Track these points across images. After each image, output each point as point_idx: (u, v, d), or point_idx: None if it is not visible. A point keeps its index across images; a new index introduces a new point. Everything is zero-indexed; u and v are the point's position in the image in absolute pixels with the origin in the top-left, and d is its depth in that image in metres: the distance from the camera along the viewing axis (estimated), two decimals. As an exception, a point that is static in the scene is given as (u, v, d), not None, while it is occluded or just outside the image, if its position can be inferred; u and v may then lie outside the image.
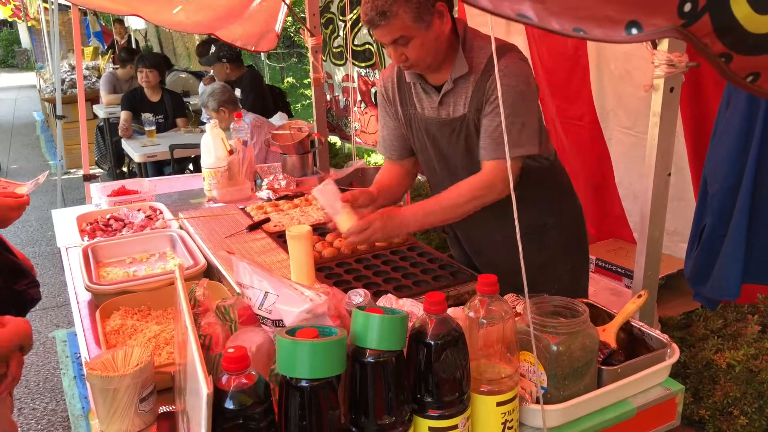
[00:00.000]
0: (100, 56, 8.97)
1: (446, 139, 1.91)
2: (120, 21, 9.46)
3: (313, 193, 1.86)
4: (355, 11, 5.34)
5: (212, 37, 4.81)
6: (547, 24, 0.86)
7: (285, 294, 1.22)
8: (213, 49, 5.26)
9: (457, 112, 1.86)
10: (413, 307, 1.34)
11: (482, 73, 1.81)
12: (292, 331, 1.06)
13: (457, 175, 1.91)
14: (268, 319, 1.26)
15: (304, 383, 1.01)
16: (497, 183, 1.78)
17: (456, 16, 1.84)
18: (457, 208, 1.83)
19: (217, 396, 0.98)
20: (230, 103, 4.16)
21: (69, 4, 4.92)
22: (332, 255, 2.05)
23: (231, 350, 1.00)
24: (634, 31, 0.85)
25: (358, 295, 1.27)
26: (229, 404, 0.98)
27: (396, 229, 1.83)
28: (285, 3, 3.33)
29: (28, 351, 1.47)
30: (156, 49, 10.82)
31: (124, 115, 5.44)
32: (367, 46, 5.43)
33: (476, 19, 4.06)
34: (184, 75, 7.13)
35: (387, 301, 1.38)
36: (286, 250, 1.88)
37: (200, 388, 0.96)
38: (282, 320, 1.23)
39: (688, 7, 0.84)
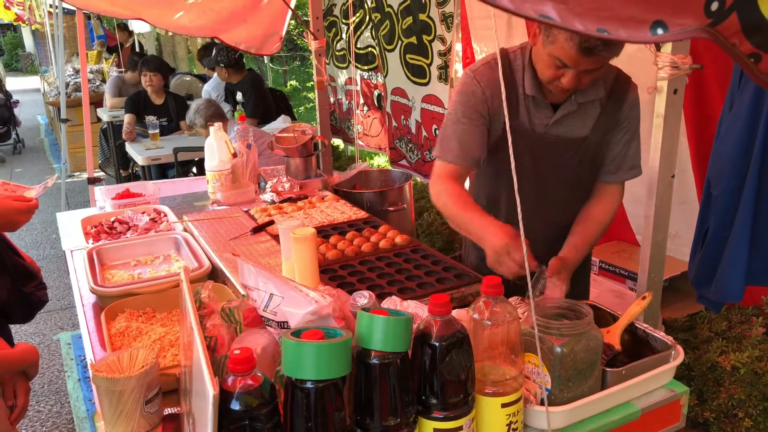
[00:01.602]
0: (103, 60, 9.00)
1: (555, 157, 1.86)
2: (123, 26, 9.50)
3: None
4: (357, 14, 5.35)
5: (214, 40, 4.83)
6: (570, 25, 0.85)
7: (290, 296, 1.23)
8: (214, 51, 5.29)
9: (576, 134, 1.84)
10: (418, 309, 1.34)
11: (609, 98, 1.82)
12: (297, 333, 1.07)
13: (545, 189, 1.88)
14: (273, 320, 1.26)
15: (309, 384, 1.01)
16: (620, 202, 1.96)
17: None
18: (600, 234, 1.93)
19: (223, 397, 0.99)
20: (217, 116, 4.15)
21: (73, 8, 4.94)
22: (336, 257, 2.05)
23: (237, 351, 1.01)
24: (660, 31, 0.84)
25: (363, 297, 1.28)
26: (235, 405, 0.99)
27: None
28: (289, 7, 3.34)
29: (32, 377, 1.50)
30: (153, 52, 10.85)
31: (127, 118, 5.46)
32: (369, 49, 5.44)
33: (477, 22, 4.07)
34: (188, 78, 7.14)
35: (391, 303, 1.39)
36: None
37: (206, 389, 0.97)
38: (287, 322, 1.23)
39: (715, 5, 0.82)
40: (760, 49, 0.88)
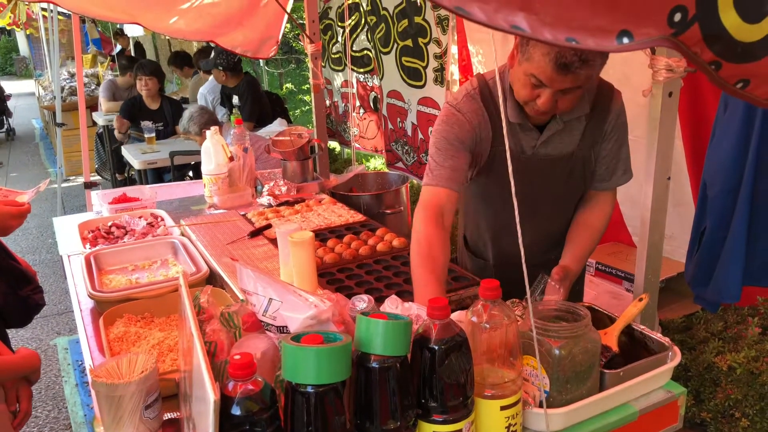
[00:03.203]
0: (98, 64, 8.99)
1: (544, 175, 1.85)
2: (120, 33, 9.50)
3: None
4: (353, 17, 5.36)
5: (209, 44, 4.81)
6: (539, 35, 0.87)
7: (289, 300, 1.23)
8: (213, 54, 5.29)
9: (564, 150, 1.83)
10: (420, 311, 1.35)
11: (593, 111, 1.81)
12: (297, 337, 1.07)
13: (534, 206, 1.87)
14: (272, 325, 1.26)
15: (309, 389, 1.01)
16: (614, 206, 1.97)
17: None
18: (598, 240, 1.93)
19: (224, 402, 0.99)
20: (211, 123, 4.14)
21: (68, 11, 4.94)
22: (333, 260, 2.06)
23: (237, 357, 1.01)
24: (626, 40, 0.87)
25: (362, 301, 1.28)
26: (236, 410, 0.99)
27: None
28: (285, 11, 3.35)
29: (34, 382, 1.50)
30: (150, 55, 10.85)
31: (117, 119, 5.50)
32: (365, 51, 5.45)
33: (476, 35, 4.08)
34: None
35: (392, 302, 1.39)
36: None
37: (207, 394, 0.97)
38: (286, 326, 1.23)
39: (677, 16, 0.86)
40: (721, 57, 0.91)
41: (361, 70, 5.60)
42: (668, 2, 0.85)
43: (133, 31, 8.77)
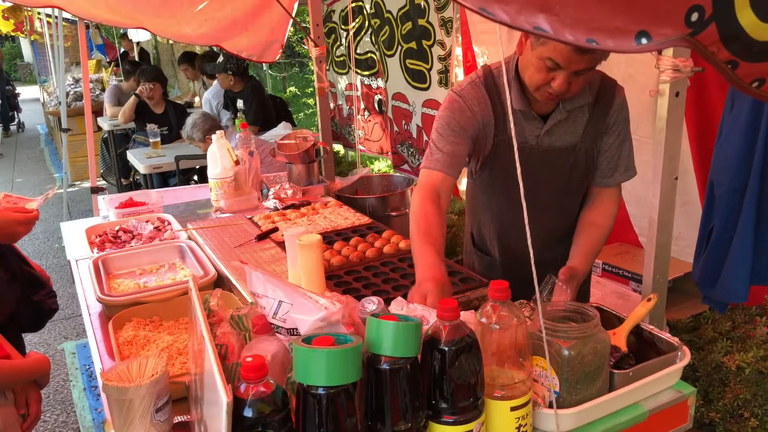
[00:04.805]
0: (102, 69, 9.03)
1: (548, 166, 1.86)
2: (125, 36, 9.55)
3: None
4: (357, 20, 5.37)
5: (214, 48, 4.82)
6: (561, 36, 0.88)
7: (299, 303, 1.23)
8: (221, 57, 5.30)
9: (567, 141, 1.84)
10: (425, 312, 1.35)
11: (597, 103, 1.81)
12: (308, 339, 1.08)
13: (538, 198, 1.85)
14: (282, 327, 1.27)
15: (321, 391, 1.02)
16: (619, 204, 1.96)
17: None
18: (605, 239, 1.92)
19: (236, 404, 0.99)
20: (215, 129, 4.15)
21: (73, 17, 4.97)
22: (340, 263, 2.06)
23: (249, 359, 1.02)
24: (644, 41, 0.88)
25: (372, 303, 1.28)
26: (248, 413, 0.99)
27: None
28: (291, 15, 3.36)
29: (44, 386, 1.52)
30: (152, 61, 10.89)
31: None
32: (369, 54, 5.46)
33: (478, 26, 4.09)
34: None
35: (398, 304, 1.39)
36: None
37: (219, 397, 0.98)
38: (296, 329, 1.24)
39: (695, 16, 0.87)
40: (737, 56, 0.92)
41: (366, 72, 5.62)
42: (685, 2, 0.86)
43: (139, 35, 8.82)
